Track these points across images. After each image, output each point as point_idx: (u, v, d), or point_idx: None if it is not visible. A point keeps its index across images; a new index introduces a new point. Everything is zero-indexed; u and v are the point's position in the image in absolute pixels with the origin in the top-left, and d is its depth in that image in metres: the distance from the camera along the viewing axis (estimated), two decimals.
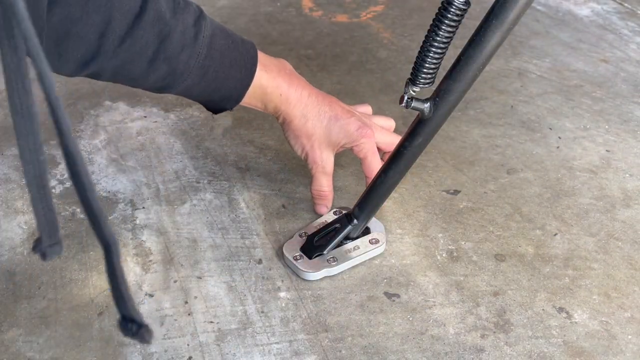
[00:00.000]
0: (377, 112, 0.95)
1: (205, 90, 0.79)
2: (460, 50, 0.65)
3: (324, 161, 0.83)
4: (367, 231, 0.84)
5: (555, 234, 0.87)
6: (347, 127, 0.82)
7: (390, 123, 0.91)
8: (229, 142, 1.05)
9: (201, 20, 0.75)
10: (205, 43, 0.75)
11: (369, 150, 0.83)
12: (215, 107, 0.84)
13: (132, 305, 0.40)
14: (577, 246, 0.85)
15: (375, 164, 0.83)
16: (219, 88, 0.79)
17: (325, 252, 0.81)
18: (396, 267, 0.82)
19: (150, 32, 0.71)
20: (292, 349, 0.71)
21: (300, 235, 0.84)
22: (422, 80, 0.64)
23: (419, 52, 0.63)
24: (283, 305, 0.76)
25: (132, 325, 0.40)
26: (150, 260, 0.82)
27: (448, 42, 0.62)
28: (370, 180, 0.80)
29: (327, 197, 0.86)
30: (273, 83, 0.81)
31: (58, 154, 1.00)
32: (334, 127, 0.82)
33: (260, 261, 0.82)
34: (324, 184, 0.85)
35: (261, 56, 0.83)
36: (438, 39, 0.61)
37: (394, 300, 0.77)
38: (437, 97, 0.67)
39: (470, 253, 0.84)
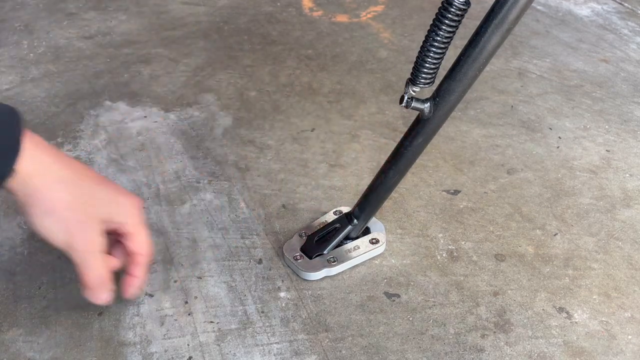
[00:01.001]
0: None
1: None
2: (460, 50, 0.65)
3: (92, 243, 0.63)
4: (367, 231, 0.84)
5: (556, 234, 0.87)
6: (116, 194, 0.65)
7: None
8: (229, 142, 1.05)
9: None
10: None
11: (141, 219, 0.68)
12: None
13: None
14: (577, 246, 0.85)
15: (145, 238, 0.68)
16: None
17: (325, 252, 0.81)
18: (396, 267, 0.82)
19: None
20: (292, 349, 0.71)
21: (300, 235, 0.84)
22: (422, 80, 0.64)
23: (419, 52, 0.63)
24: (283, 305, 0.76)
25: None
26: (150, 261, 0.82)
27: (448, 42, 0.62)
28: (139, 259, 0.69)
29: (108, 279, 0.66)
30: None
31: None
32: (102, 195, 0.63)
33: (260, 261, 0.82)
34: (99, 266, 0.64)
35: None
36: (438, 39, 0.61)
37: (394, 300, 0.77)
38: (437, 97, 0.67)
39: (470, 253, 0.84)
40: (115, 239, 0.68)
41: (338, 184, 0.95)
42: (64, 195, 0.60)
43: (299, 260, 0.80)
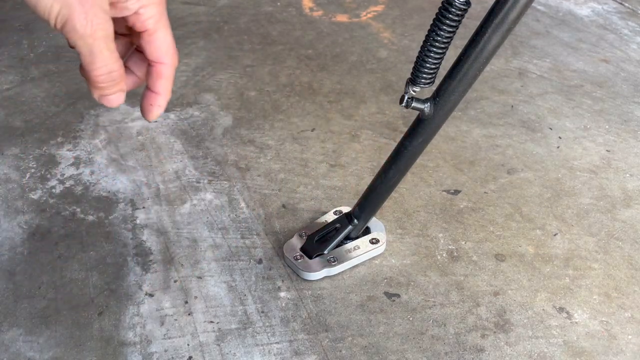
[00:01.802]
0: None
1: None
2: (460, 50, 0.65)
3: (100, 23, 0.45)
4: (367, 231, 0.84)
5: (556, 234, 0.87)
6: None
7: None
8: (229, 142, 1.05)
9: None
10: None
11: (162, 12, 0.50)
12: None
13: None
14: (577, 246, 0.85)
15: (169, 40, 0.50)
16: None
17: (325, 252, 0.81)
18: (396, 267, 0.82)
19: None
20: (292, 348, 0.71)
21: (301, 235, 0.84)
22: (422, 80, 0.64)
23: (419, 52, 0.63)
24: (283, 305, 0.76)
25: None
26: (150, 260, 0.82)
27: (448, 42, 0.62)
28: (160, 70, 0.51)
29: (121, 76, 0.49)
30: None
31: (58, 154, 1.00)
32: None
33: (260, 261, 0.82)
34: (109, 57, 0.47)
35: None
36: (438, 39, 0.61)
37: (394, 300, 0.77)
38: (437, 97, 0.67)
39: (470, 253, 0.84)
40: (127, 44, 0.52)
41: (338, 184, 0.95)
42: None
43: (299, 260, 0.80)
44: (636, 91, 1.20)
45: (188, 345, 0.71)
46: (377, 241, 0.83)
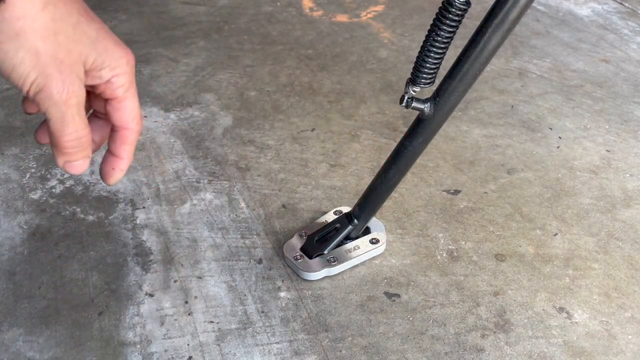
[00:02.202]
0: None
1: None
2: (460, 50, 0.65)
3: (75, 90, 0.45)
4: (367, 231, 0.84)
5: (556, 234, 0.87)
6: (106, 37, 0.47)
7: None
8: (229, 142, 1.05)
9: None
10: None
11: (132, 82, 0.50)
12: None
13: None
14: (577, 246, 0.85)
15: (136, 107, 0.50)
16: None
17: (325, 252, 0.81)
18: (396, 267, 0.82)
19: None
20: (292, 348, 0.71)
21: (301, 235, 0.84)
22: (422, 80, 0.64)
23: (420, 52, 0.63)
24: (283, 305, 0.76)
25: None
26: (150, 260, 0.82)
27: (448, 42, 0.62)
28: (125, 135, 0.51)
29: (89, 142, 0.49)
30: None
31: None
32: (88, 30, 0.45)
33: (260, 261, 0.82)
34: (79, 123, 0.47)
35: None
36: (438, 39, 0.61)
37: (394, 300, 0.77)
38: (437, 97, 0.67)
39: (470, 253, 0.84)
40: (91, 104, 0.52)
41: (338, 184, 0.95)
42: (44, 19, 0.42)
43: (299, 260, 0.80)
44: (636, 91, 1.20)
45: (188, 345, 0.71)
46: (377, 241, 0.83)
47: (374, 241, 0.83)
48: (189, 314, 0.75)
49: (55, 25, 0.42)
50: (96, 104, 0.50)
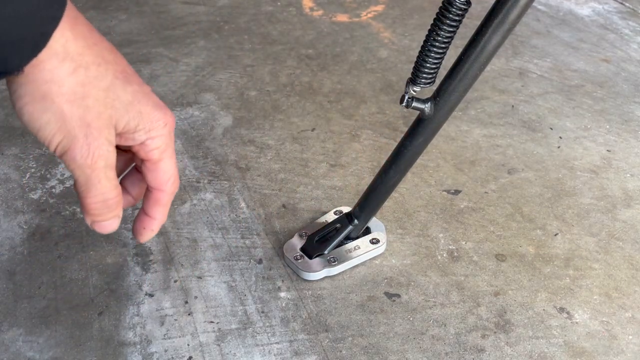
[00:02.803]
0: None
1: None
2: (460, 50, 0.65)
3: (102, 154, 0.44)
4: (367, 231, 0.84)
5: (556, 234, 0.87)
6: (143, 99, 0.46)
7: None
8: (229, 142, 1.04)
9: None
10: None
11: (169, 144, 0.48)
12: None
13: None
14: (577, 246, 0.85)
15: (173, 169, 0.49)
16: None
17: (325, 252, 0.81)
18: (397, 267, 0.82)
19: None
20: (293, 349, 0.71)
21: (301, 235, 0.84)
22: (422, 80, 0.64)
23: (420, 51, 0.63)
24: (283, 305, 0.76)
25: None
26: (150, 260, 0.82)
27: (449, 42, 0.62)
28: (159, 197, 0.51)
29: (118, 203, 0.48)
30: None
31: None
32: (122, 94, 0.44)
33: (260, 261, 0.82)
34: (106, 186, 0.46)
35: None
36: (439, 38, 0.61)
37: (394, 300, 0.77)
38: (437, 97, 0.67)
39: (470, 253, 0.84)
40: (127, 161, 0.51)
41: (338, 184, 0.95)
42: (72, 84, 0.41)
43: (299, 260, 0.80)
44: (637, 91, 1.20)
45: (188, 345, 0.71)
46: (378, 241, 0.83)
47: (374, 241, 0.83)
48: (189, 314, 0.75)
49: (84, 89, 0.42)
50: (136, 159, 0.49)
